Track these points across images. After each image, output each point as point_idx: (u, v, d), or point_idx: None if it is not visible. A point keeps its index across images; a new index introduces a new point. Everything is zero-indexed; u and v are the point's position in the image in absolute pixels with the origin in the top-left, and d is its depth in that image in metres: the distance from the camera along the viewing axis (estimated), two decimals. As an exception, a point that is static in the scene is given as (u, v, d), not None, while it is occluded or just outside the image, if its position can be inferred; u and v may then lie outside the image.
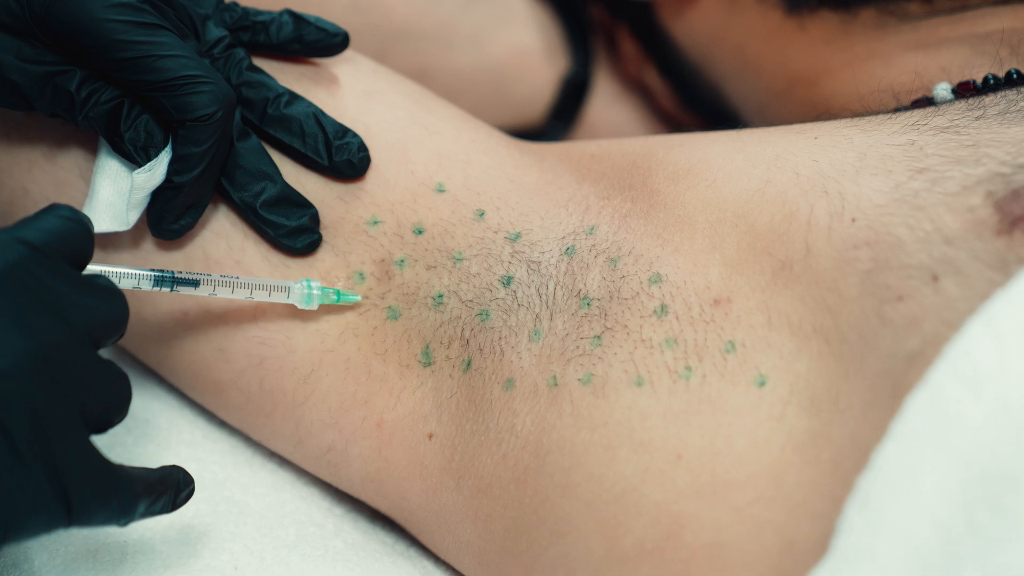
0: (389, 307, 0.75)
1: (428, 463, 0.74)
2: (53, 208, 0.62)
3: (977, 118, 0.70)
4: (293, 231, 0.75)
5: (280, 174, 0.75)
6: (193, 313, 0.77)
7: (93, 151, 0.77)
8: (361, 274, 0.75)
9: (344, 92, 0.79)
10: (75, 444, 0.59)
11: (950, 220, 0.65)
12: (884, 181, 0.68)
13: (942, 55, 0.84)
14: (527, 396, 0.71)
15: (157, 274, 0.71)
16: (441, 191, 0.77)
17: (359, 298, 0.75)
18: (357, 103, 0.78)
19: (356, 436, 0.75)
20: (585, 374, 0.69)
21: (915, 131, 0.71)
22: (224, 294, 0.73)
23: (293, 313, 0.76)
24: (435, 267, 0.75)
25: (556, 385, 0.70)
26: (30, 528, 0.58)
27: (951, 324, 0.62)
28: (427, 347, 0.75)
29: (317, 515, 0.80)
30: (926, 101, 0.81)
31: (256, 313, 0.76)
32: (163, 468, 0.65)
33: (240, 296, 0.73)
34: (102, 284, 0.62)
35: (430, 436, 0.74)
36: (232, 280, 0.73)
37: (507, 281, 0.74)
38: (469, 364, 0.73)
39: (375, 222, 0.76)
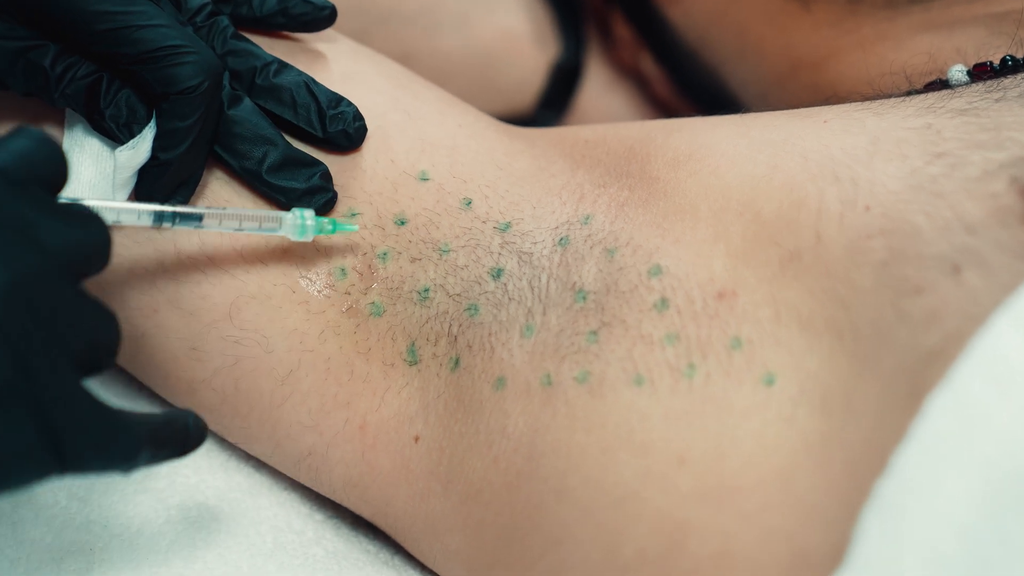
0: (372, 303, 0.73)
1: (414, 467, 0.71)
2: (21, 130, 0.59)
3: (997, 100, 0.68)
4: (306, 192, 0.72)
5: (281, 135, 0.73)
6: (164, 310, 0.74)
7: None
8: (343, 269, 0.73)
9: (322, 75, 0.76)
10: (63, 383, 0.56)
11: (971, 207, 0.62)
12: (899, 166, 0.65)
13: (956, 36, 0.81)
14: (519, 396, 0.68)
15: (157, 209, 0.68)
16: (424, 179, 0.74)
17: (356, 228, 0.72)
18: (336, 87, 0.76)
19: (338, 439, 0.73)
20: (581, 372, 0.67)
21: (931, 114, 0.68)
22: (212, 226, 0.69)
23: (270, 312, 0.73)
24: (420, 259, 0.73)
25: (550, 384, 0.67)
26: (18, 476, 0.56)
27: (974, 318, 0.59)
28: (413, 344, 0.72)
29: (296, 521, 0.78)
30: (941, 84, 0.79)
31: (231, 311, 0.73)
32: (169, 411, 0.63)
33: (228, 228, 0.69)
34: (79, 210, 0.60)
35: (416, 439, 0.71)
36: (219, 212, 0.69)
37: (497, 274, 0.72)
38: (457, 362, 0.71)
39: (352, 214, 0.74)
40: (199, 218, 0.69)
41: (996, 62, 0.78)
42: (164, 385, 0.77)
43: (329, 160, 0.74)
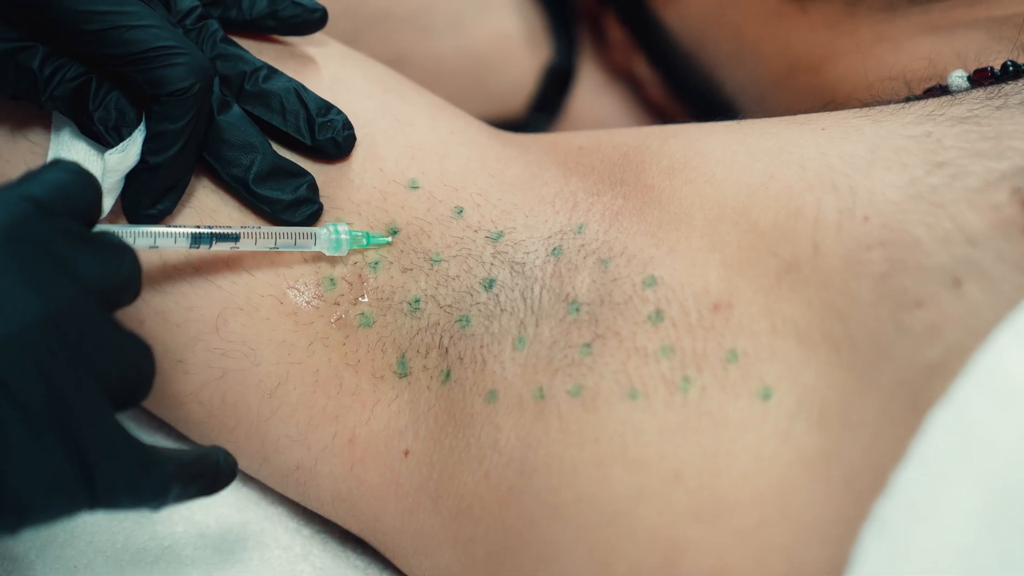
0: (362, 313, 0.71)
1: (404, 482, 0.70)
2: (57, 163, 0.59)
3: (998, 108, 0.67)
4: (291, 204, 0.71)
5: (268, 143, 0.72)
6: (150, 321, 0.73)
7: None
8: (332, 279, 0.72)
9: (312, 81, 0.75)
10: (97, 417, 0.56)
11: (973, 218, 0.61)
12: (899, 175, 0.64)
13: (956, 40, 0.80)
14: (511, 409, 0.67)
15: (194, 231, 0.68)
16: (415, 187, 0.73)
17: (389, 240, 0.72)
18: (325, 93, 0.75)
19: (326, 453, 0.71)
20: (574, 385, 0.66)
21: (931, 122, 0.67)
22: (247, 246, 0.69)
23: (258, 324, 0.71)
24: (411, 269, 0.72)
25: (543, 397, 0.66)
26: (50, 511, 0.55)
27: (976, 332, 0.58)
28: (403, 356, 0.71)
29: (284, 537, 0.77)
30: (940, 89, 0.78)
31: (218, 323, 0.72)
32: (200, 448, 0.62)
33: (264, 247, 0.70)
34: (112, 241, 0.59)
35: (406, 453, 0.70)
36: (255, 231, 0.69)
37: (489, 284, 0.71)
38: (448, 374, 0.70)
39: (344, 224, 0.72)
40: (235, 238, 0.69)
41: (997, 68, 0.77)
42: (151, 398, 0.75)
43: (317, 169, 0.73)
